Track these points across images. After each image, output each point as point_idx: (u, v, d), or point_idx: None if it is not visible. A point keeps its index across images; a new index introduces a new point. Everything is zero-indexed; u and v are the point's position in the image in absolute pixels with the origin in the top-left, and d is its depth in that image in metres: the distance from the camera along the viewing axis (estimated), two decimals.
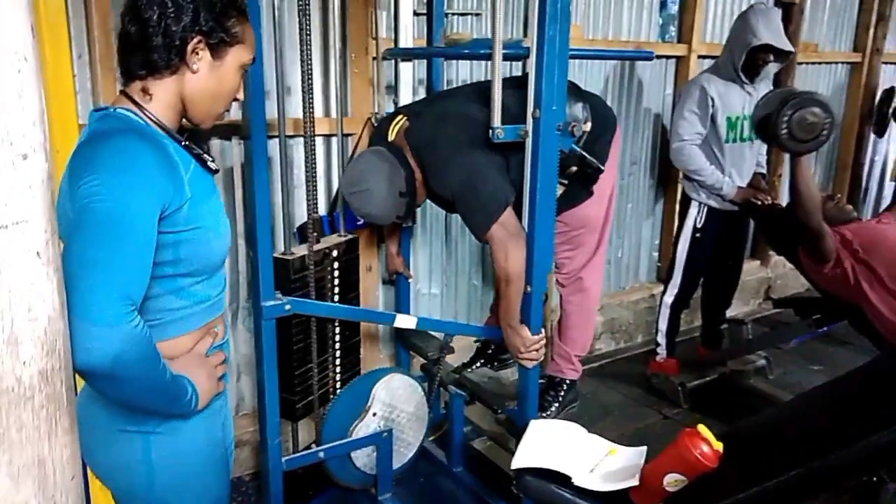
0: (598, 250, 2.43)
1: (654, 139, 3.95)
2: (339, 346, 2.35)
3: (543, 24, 1.72)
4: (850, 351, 3.79)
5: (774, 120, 2.49)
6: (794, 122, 2.50)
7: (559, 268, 2.50)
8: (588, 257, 2.43)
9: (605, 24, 3.56)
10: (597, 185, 2.28)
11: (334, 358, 2.35)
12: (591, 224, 2.38)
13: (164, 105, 1.18)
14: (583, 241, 2.40)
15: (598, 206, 2.34)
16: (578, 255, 2.42)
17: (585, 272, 2.43)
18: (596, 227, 2.40)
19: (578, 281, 2.44)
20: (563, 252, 2.43)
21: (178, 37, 1.14)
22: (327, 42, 2.58)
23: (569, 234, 2.36)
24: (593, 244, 2.42)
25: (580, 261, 2.43)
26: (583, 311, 2.51)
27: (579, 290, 2.46)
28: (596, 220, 2.38)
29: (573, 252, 2.42)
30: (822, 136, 2.52)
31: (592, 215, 2.36)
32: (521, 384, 2.05)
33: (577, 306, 2.49)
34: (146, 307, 1.13)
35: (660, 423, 3.09)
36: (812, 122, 2.49)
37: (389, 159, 2.03)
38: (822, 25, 4.62)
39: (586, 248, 2.42)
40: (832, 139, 4.87)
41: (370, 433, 2.21)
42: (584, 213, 2.33)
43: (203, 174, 1.22)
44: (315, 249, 2.15)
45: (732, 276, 3.48)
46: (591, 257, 2.43)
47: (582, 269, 2.42)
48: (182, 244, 1.15)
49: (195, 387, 1.20)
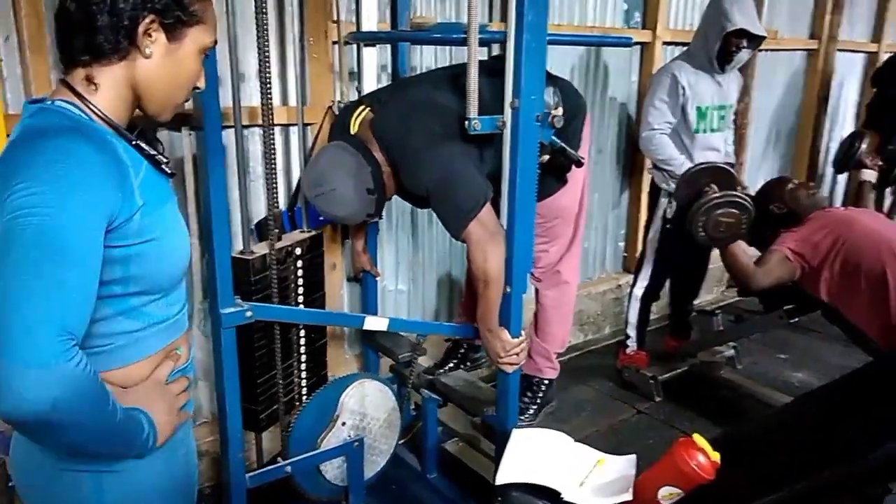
0: (574, 241, 2.35)
1: (620, 127, 3.89)
2: (305, 350, 2.20)
3: (522, 8, 1.61)
4: (816, 339, 3.81)
5: (690, 222, 2.60)
6: (710, 226, 2.60)
7: (535, 262, 2.40)
8: (564, 249, 2.34)
9: (570, 10, 3.45)
10: (570, 174, 2.19)
11: (299, 363, 2.21)
12: (565, 214, 2.29)
13: (112, 96, 1.02)
14: (558, 233, 2.31)
15: (573, 195, 2.26)
16: (554, 247, 2.33)
17: (562, 265, 2.35)
18: (570, 217, 2.31)
19: (556, 275, 2.35)
20: (539, 245, 2.33)
21: (126, 16, 0.98)
22: (283, 25, 2.41)
23: (543, 226, 2.26)
24: (569, 235, 2.34)
25: (556, 253, 2.34)
26: (561, 305, 2.42)
27: (556, 284, 2.37)
28: (570, 210, 2.29)
29: (548, 244, 2.33)
30: (741, 230, 2.62)
31: (567, 205, 2.27)
32: (500, 389, 1.95)
33: (555, 300, 2.40)
34: (92, 332, 0.97)
35: (634, 418, 3.04)
36: (728, 222, 2.59)
37: (353, 155, 1.88)
38: (782, 11, 4.61)
39: (562, 240, 2.33)
40: (791, 126, 4.98)
41: (340, 443, 2.08)
42: (558, 203, 2.24)
43: (157, 177, 1.06)
44: (277, 248, 1.99)
45: (701, 266, 3.45)
46: (567, 249, 2.34)
47: (559, 262, 2.33)
48: (133, 259, 0.99)
49: (153, 422, 1.04)
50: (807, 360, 3.64)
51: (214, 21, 1.09)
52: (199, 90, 1.12)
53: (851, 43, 5.17)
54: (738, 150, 4.19)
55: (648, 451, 2.73)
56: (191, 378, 1.18)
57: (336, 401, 2.07)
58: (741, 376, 3.35)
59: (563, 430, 2.86)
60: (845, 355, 3.33)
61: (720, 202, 2.58)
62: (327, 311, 2.30)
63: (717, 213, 2.58)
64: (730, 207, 2.57)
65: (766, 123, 4.79)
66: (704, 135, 3.10)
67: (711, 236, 2.62)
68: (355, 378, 2.14)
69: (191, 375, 1.19)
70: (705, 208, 2.57)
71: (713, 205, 2.57)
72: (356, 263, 2.49)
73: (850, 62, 5.26)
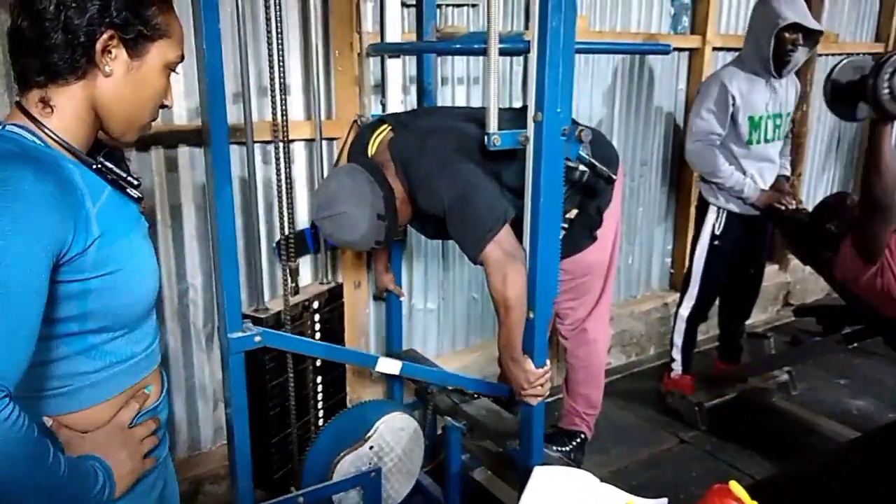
0: (603, 296, 2.25)
1: (666, 138, 3.70)
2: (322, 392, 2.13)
3: (546, 14, 1.49)
4: (877, 362, 3.55)
5: (874, 82, 2.19)
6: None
7: (562, 318, 2.32)
8: (593, 304, 2.24)
9: (612, 15, 3.30)
10: (600, 230, 2.07)
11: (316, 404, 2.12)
12: (595, 269, 2.20)
13: (69, 119, 0.94)
14: (588, 289, 2.23)
15: (602, 250, 2.15)
16: (582, 304, 2.24)
17: (590, 322, 2.26)
18: (601, 271, 2.22)
19: (583, 333, 2.26)
20: (566, 302, 2.25)
21: (82, 32, 0.90)
22: (307, 36, 2.34)
23: (571, 283, 2.18)
24: (598, 290, 2.24)
25: (584, 310, 2.24)
26: (591, 365, 2.32)
27: (585, 343, 2.28)
28: (600, 266, 2.19)
29: (576, 301, 2.24)
30: None
31: (596, 261, 2.17)
32: (524, 423, 1.82)
33: (583, 360, 2.30)
34: (48, 373, 0.89)
35: (676, 448, 2.85)
36: None
37: (366, 178, 1.79)
38: (843, 15, 4.35)
39: (591, 296, 2.24)
40: (854, 134, 4.69)
41: (360, 469, 1.98)
42: (587, 259, 2.15)
43: (122, 202, 0.98)
44: (292, 303, 1.92)
45: (753, 286, 3.23)
46: (595, 305, 2.23)
47: (586, 319, 2.23)
48: (91, 294, 0.91)
49: (109, 472, 0.95)
50: (869, 387, 3.38)
51: (180, 34, 1.01)
52: (166, 108, 1.04)
53: None
54: (795, 160, 3.96)
55: (690, 486, 2.60)
56: (161, 419, 1.09)
57: (371, 423, 1.98)
58: (795, 404, 3.12)
59: (601, 459, 2.75)
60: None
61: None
62: (339, 347, 2.20)
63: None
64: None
65: (826, 133, 4.52)
66: (758, 146, 2.90)
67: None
68: (392, 407, 2.06)
69: (162, 416, 1.09)
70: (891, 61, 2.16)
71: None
72: (379, 283, 2.40)
73: None
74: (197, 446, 2.48)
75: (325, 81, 2.38)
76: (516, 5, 2.93)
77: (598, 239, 2.09)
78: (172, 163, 2.22)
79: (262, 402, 1.94)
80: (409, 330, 2.89)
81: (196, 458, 2.46)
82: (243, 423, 1.80)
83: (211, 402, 2.46)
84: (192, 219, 2.28)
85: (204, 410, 2.46)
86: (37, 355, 0.89)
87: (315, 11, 2.17)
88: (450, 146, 1.75)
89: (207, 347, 2.42)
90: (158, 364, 1.09)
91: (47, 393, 0.93)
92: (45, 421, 0.95)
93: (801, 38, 2.74)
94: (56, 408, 0.93)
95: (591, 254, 2.11)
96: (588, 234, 2.08)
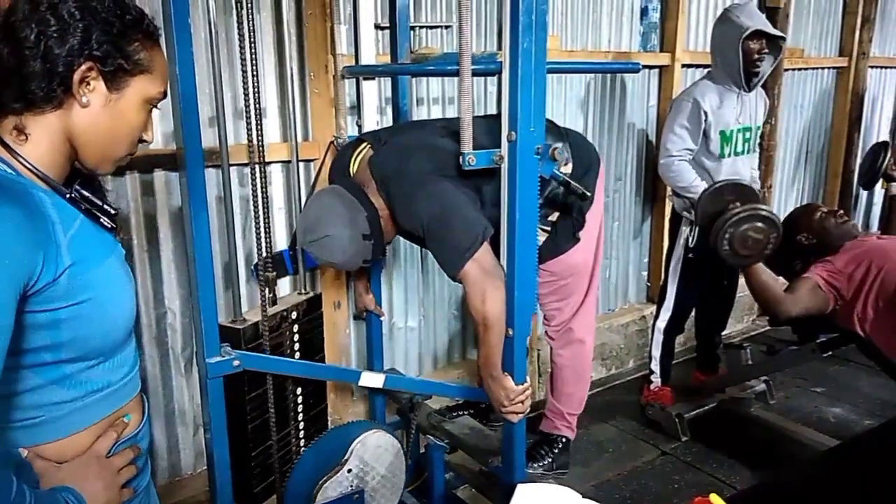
0: (588, 296, 2.27)
1: (640, 153, 3.76)
2: (302, 404, 2.10)
3: (517, 35, 1.51)
4: (852, 370, 3.61)
5: (715, 236, 2.43)
6: (737, 241, 2.42)
7: (548, 320, 2.33)
8: (578, 305, 2.24)
9: (583, 34, 3.36)
10: (583, 230, 2.09)
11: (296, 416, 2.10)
12: (580, 270, 2.21)
13: (44, 147, 0.94)
14: (573, 290, 2.24)
15: (586, 250, 2.17)
16: (568, 304, 2.24)
17: (575, 321, 2.26)
18: (586, 272, 2.23)
19: (569, 332, 2.27)
20: (552, 304, 2.26)
21: (61, 62, 0.90)
22: (283, 60, 2.35)
23: (556, 284, 2.19)
24: (583, 290, 2.25)
25: (570, 310, 2.24)
26: (576, 365, 2.33)
27: (570, 343, 2.28)
28: (585, 266, 2.21)
29: (562, 302, 2.25)
30: (767, 249, 2.45)
31: (580, 261, 2.18)
32: (505, 440, 1.82)
33: (569, 360, 2.31)
34: (21, 403, 0.88)
35: (658, 460, 2.87)
36: (756, 238, 2.42)
37: (348, 200, 1.81)
38: (808, 30, 4.47)
39: (576, 297, 2.25)
40: (822, 146, 4.79)
41: (341, 493, 1.96)
42: (572, 260, 2.16)
43: (95, 231, 0.97)
44: (270, 314, 1.91)
45: (728, 297, 3.28)
46: (580, 305, 2.24)
47: (572, 319, 2.24)
48: (63, 324, 0.90)
49: (83, 503, 0.93)
50: (844, 394, 3.43)
51: (164, 70, 1.01)
52: (145, 143, 1.04)
53: (884, 59, 4.99)
54: (764, 173, 4.04)
55: (672, 497, 2.61)
56: (142, 448, 1.07)
57: (346, 445, 1.96)
58: (773, 413, 3.17)
59: (583, 472, 2.75)
60: (886, 388, 3.14)
61: (747, 216, 2.40)
62: (321, 365, 2.20)
63: (744, 228, 2.39)
64: (757, 222, 2.39)
65: (794, 145, 4.62)
66: (729, 159, 2.96)
67: (737, 253, 2.43)
68: (367, 426, 2.04)
69: (143, 444, 1.08)
70: (732, 221, 2.39)
71: (739, 218, 2.40)
72: (359, 303, 2.40)
73: (882, 78, 5.07)
74: (177, 472, 2.45)
75: (300, 104, 2.39)
76: (489, 26, 2.97)
77: (581, 240, 2.11)
78: (148, 187, 2.21)
79: (241, 415, 1.92)
80: (390, 349, 2.88)
81: (177, 484, 2.43)
82: (223, 447, 1.78)
83: (191, 427, 2.44)
84: (170, 243, 2.27)
85: (184, 435, 2.43)
86: (6, 386, 0.88)
87: (289, 34, 2.19)
88: (427, 166, 1.76)
89: (187, 372, 2.40)
90: (139, 391, 1.08)
91: (21, 423, 0.92)
92: (21, 452, 0.93)
93: (766, 45, 2.82)
94: (30, 438, 0.92)
95: (575, 255, 2.12)
96: (571, 235, 2.10)
